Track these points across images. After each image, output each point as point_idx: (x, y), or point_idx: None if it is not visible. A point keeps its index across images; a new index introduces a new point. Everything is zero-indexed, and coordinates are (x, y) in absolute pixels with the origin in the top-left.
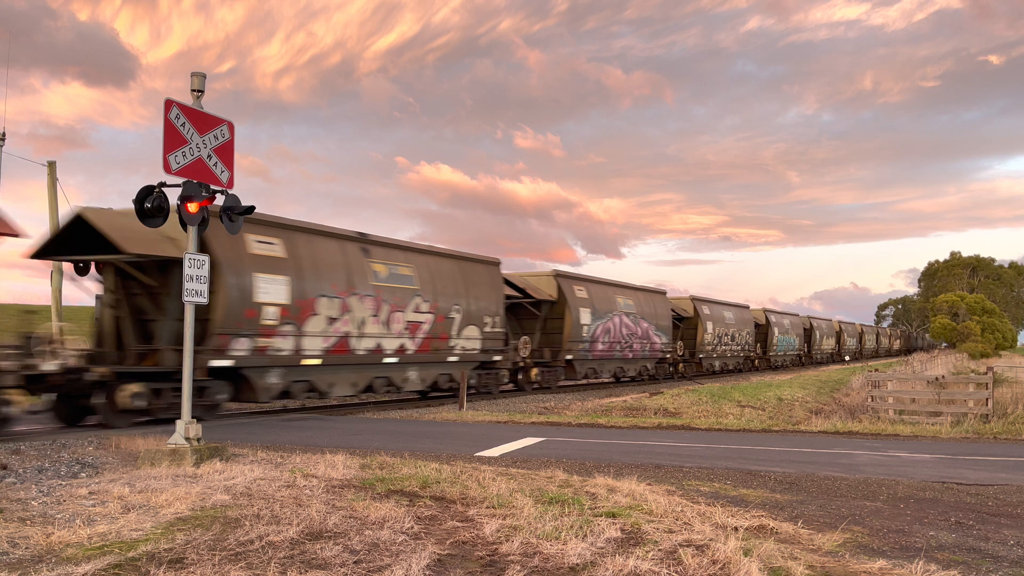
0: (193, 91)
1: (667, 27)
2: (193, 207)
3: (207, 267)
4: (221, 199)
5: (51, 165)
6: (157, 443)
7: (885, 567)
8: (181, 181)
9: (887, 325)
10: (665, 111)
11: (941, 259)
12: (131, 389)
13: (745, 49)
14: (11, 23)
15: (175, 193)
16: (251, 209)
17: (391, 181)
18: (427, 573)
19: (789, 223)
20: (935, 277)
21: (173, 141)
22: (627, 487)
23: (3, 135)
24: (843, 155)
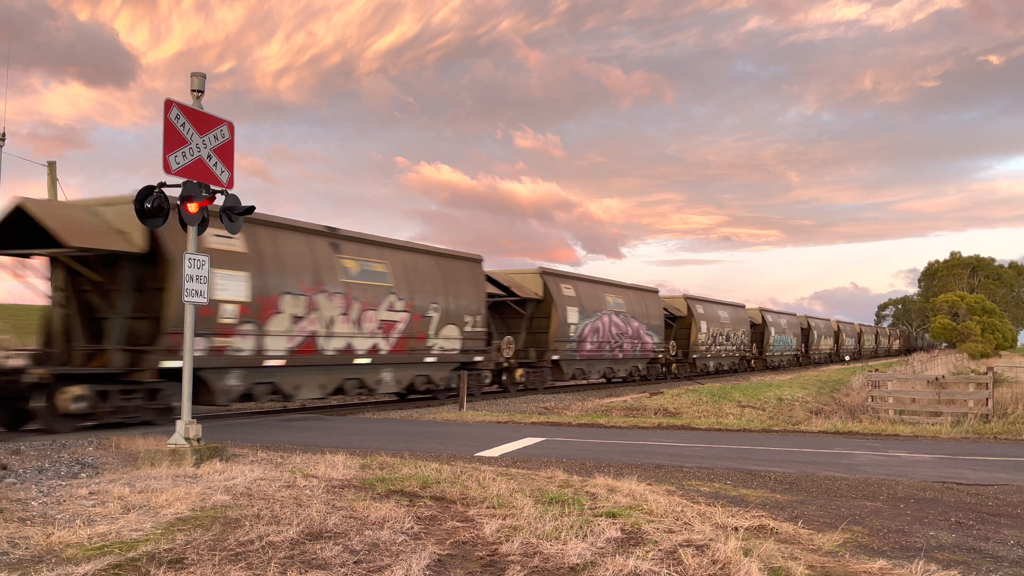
0: (193, 91)
1: (667, 27)
2: (193, 207)
3: (207, 267)
4: (221, 199)
5: (51, 165)
6: (157, 443)
7: (885, 567)
8: (181, 181)
9: (887, 325)
10: (665, 111)
11: (941, 259)
12: (73, 392)
13: (745, 49)
14: (11, 23)
15: (174, 194)
16: (251, 209)
17: (391, 181)
18: (427, 573)
19: (789, 223)
20: (935, 277)
21: (173, 141)
22: (627, 487)
23: (3, 135)
24: (843, 155)
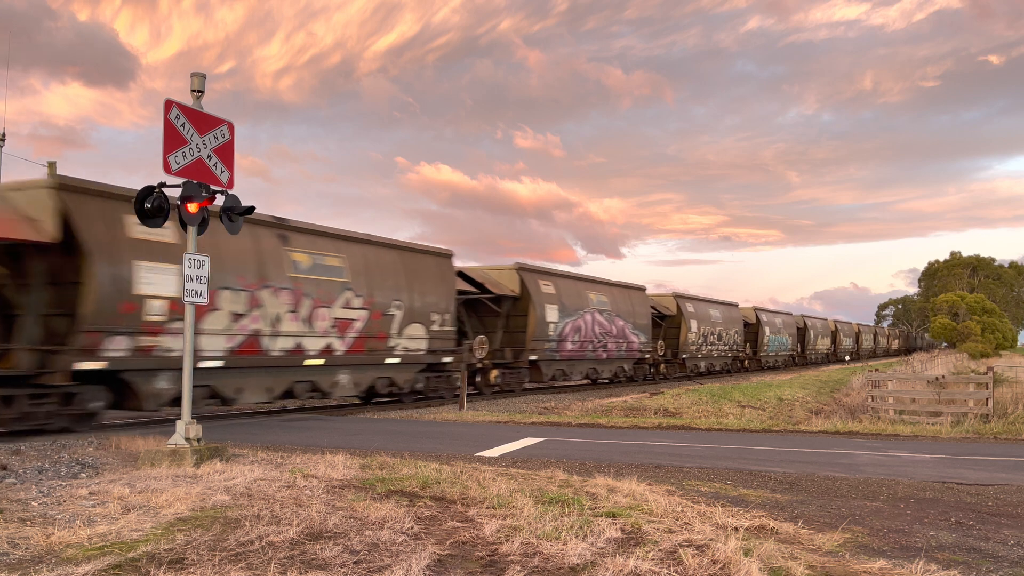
0: (193, 91)
1: (667, 27)
2: (193, 207)
3: (207, 267)
4: (221, 199)
5: (51, 165)
6: (157, 443)
7: (885, 567)
8: (181, 181)
9: (887, 325)
10: (665, 111)
11: (941, 259)
12: None
13: (745, 49)
14: (11, 23)
15: (174, 194)
16: (251, 209)
17: (391, 181)
18: (427, 573)
19: (789, 223)
20: (935, 277)
21: (173, 141)
22: (627, 487)
23: (3, 135)
24: (843, 155)
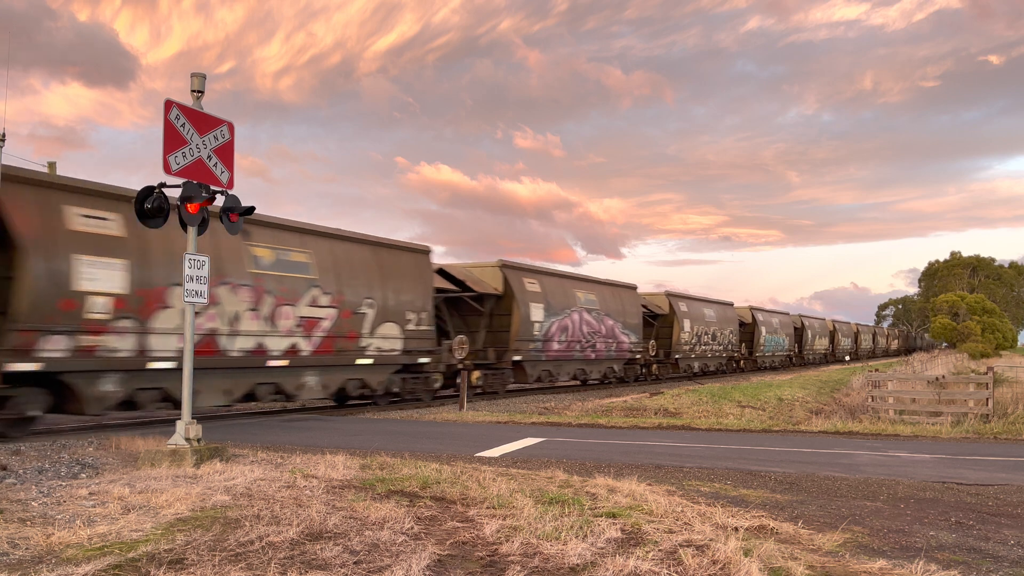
0: (193, 92)
1: (667, 27)
2: (193, 208)
3: (207, 267)
4: (221, 200)
5: (51, 166)
6: (157, 444)
7: (885, 567)
8: (181, 182)
9: (887, 325)
10: (665, 111)
11: (941, 259)
12: None
13: (745, 49)
14: (11, 23)
15: (174, 194)
16: (251, 210)
17: (391, 181)
18: (427, 573)
19: (789, 223)
20: (935, 277)
21: (173, 142)
22: (627, 487)
23: (3, 136)
24: (843, 155)
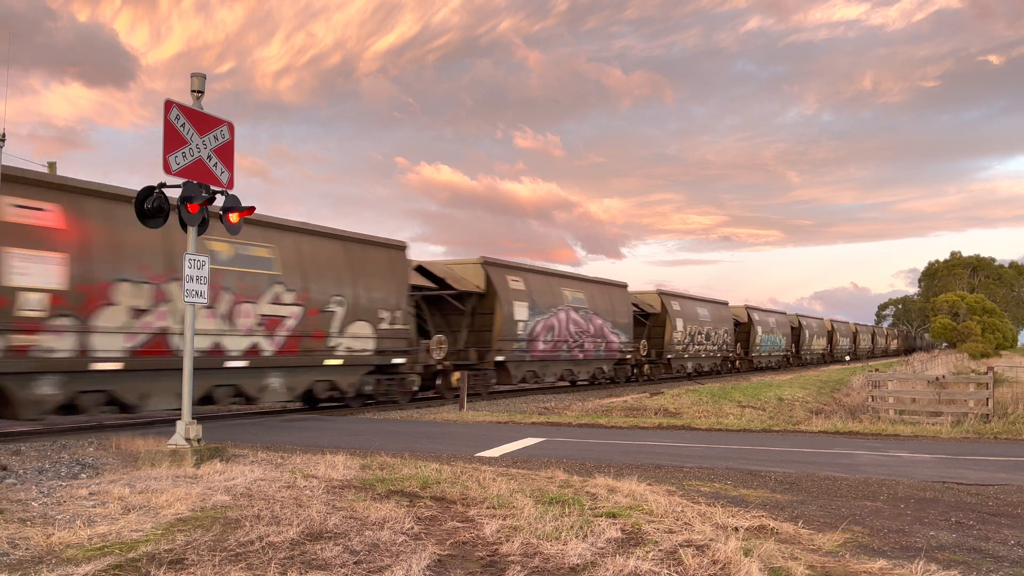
0: (193, 92)
1: (667, 27)
2: (193, 208)
3: (207, 268)
4: (221, 199)
5: (51, 166)
6: (157, 444)
7: (885, 567)
8: (181, 182)
9: (887, 325)
10: (665, 111)
11: (941, 259)
12: None
13: (745, 49)
14: (11, 24)
15: (174, 194)
16: (251, 210)
17: (391, 181)
18: (427, 573)
19: (789, 223)
20: (935, 277)
21: (173, 142)
22: (627, 487)
23: (3, 136)
24: (843, 155)
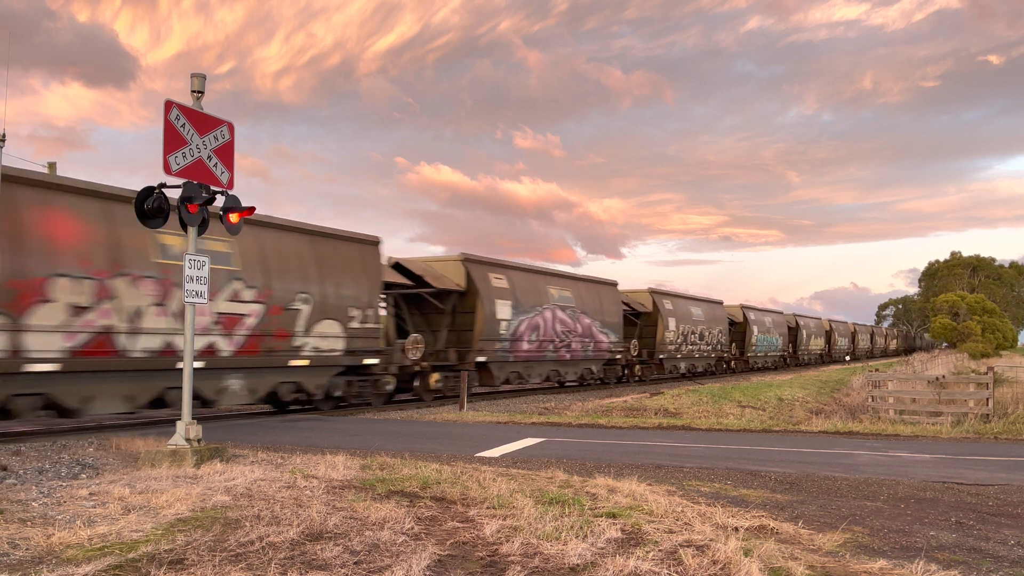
0: (193, 92)
1: (667, 27)
2: (193, 208)
3: (207, 268)
4: (221, 200)
5: (51, 166)
6: (157, 444)
7: (885, 567)
8: (181, 182)
9: (887, 325)
10: (665, 111)
11: (941, 259)
12: None
13: (745, 49)
14: (10, 24)
15: (174, 194)
16: (251, 210)
17: (391, 181)
18: (427, 574)
19: (789, 223)
20: (935, 277)
21: (173, 142)
22: (627, 487)
23: (3, 136)
24: (843, 155)
